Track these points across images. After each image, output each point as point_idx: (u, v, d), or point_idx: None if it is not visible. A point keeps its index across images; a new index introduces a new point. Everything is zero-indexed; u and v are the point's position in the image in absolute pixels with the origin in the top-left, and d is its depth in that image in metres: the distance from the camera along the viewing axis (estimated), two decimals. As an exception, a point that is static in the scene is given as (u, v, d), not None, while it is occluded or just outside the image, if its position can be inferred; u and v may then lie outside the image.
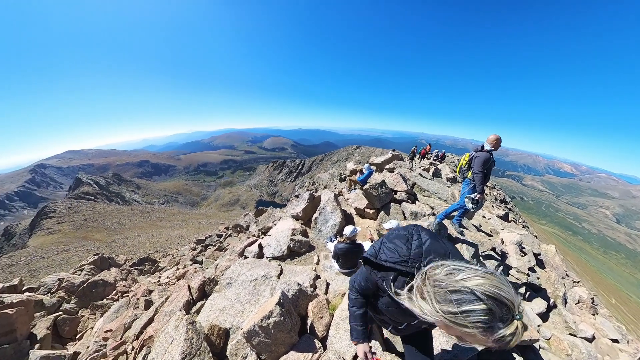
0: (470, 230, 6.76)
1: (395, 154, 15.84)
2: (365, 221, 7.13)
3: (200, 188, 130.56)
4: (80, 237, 47.25)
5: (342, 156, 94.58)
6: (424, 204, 7.40)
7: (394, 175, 7.85)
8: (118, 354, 5.12)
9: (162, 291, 8.11)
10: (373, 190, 6.70)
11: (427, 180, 9.32)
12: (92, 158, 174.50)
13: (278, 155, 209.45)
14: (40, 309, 7.69)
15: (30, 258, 34.22)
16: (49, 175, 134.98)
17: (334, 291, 4.21)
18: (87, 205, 67.67)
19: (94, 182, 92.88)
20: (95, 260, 13.37)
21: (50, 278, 9.79)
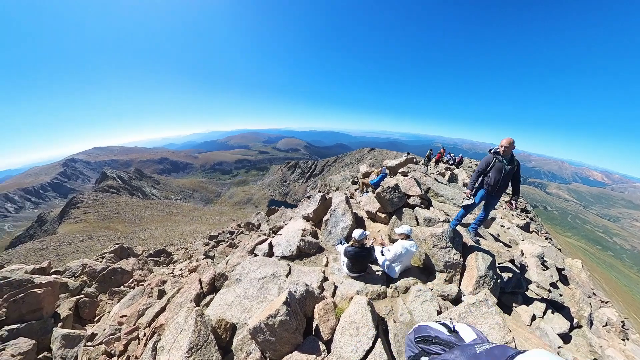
0: (487, 239, 6.46)
1: (409, 158, 15.46)
2: (376, 225, 7.00)
3: (215, 186, 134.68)
4: (104, 227, 50.20)
5: (354, 158, 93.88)
6: (438, 210, 7.16)
7: (408, 179, 7.66)
8: (131, 339, 5.35)
9: (174, 282, 8.38)
10: (386, 193, 6.57)
11: (443, 186, 9.00)
12: (117, 154, 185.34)
13: (291, 156, 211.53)
14: (65, 291, 8.24)
15: (58, 243, 36.87)
16: (78, 169, 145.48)
17: (342, 294, 4.15)
18: (110, 197, 71.95)
19: (118, 177, 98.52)
20: (115, 249, 14.12)
21: (75, 263, 10.49)
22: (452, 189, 8.76)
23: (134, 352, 4.93)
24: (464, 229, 5.51)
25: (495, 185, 4.27)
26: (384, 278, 4.52)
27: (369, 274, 4.53)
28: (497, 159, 4.19)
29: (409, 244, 4.40)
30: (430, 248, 4.63)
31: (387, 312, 3.85)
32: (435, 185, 8.79)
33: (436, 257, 4.55)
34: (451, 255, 4.49)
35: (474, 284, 4.13)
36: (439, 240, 4.61)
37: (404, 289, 4.26)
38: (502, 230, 8.70)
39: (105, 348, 5.53)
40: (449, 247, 4.56)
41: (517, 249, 6.54)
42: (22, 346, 5.68)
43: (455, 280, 4.40)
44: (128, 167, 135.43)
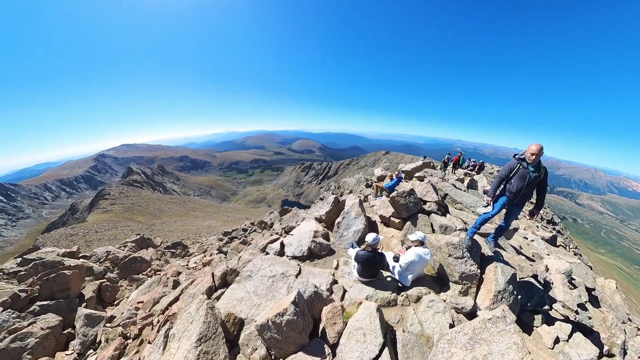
0: (508, 251, 6.10)
1: (426, 162, 14.97)
2: (389, 230, 6.84)
3: (231, 184, 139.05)
4: (127, 218, 53.42)
5: (369, 161, 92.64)
6: (455, 217, 6.87)
7: (424, 184, 7.43)
8: (145, 324, 5.65)
9: (189, 274, 8.71)
10: (400, 198, 6.40)
11: (461, 192, 8.61)
12: (142, 151, 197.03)
13: (306, 158, 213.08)
14: (90, 275, 8.91)
15: (87, 231, 39.80)
16: (107, 164, 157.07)
17: (350, 299, 4.10)
18: (135, 191, 76.54)
19: (142, 172, 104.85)
20: (136, 239, 14.94)
21: (100, 249, 11.29)
22: (471, 196, 8.38)
23: (148, 337, 5.19)
24: (483, 238, 5.24)
25: (518, 193, 4.01)
26: (395, 285, 4.40)
27: (380, 280, 4.43)
28: (522, 165, 3.93)
29: (423, 252, 4.26)
30: (446, 257, 4.44)
31: (396, 320, 3.74)
32: (453, 191, 8.43)
33: (451, 267, 4.36)
34: (468, 266, 4.28)
35: (491, 299, 3.90)
36: (455, 249, 4.41)
37: (416, 298, 4.12)
38: (525, 243, 8.18)
39: (122, 330, 5.91)
40: (466, 257, 4.35)
41: (542, 263, 6.12)
42: (51, 321, 6.25)
43: (471, 293, 4.19)
44: (152, 163, 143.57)
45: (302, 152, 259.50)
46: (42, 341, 5.79)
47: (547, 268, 5.86)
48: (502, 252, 5.31)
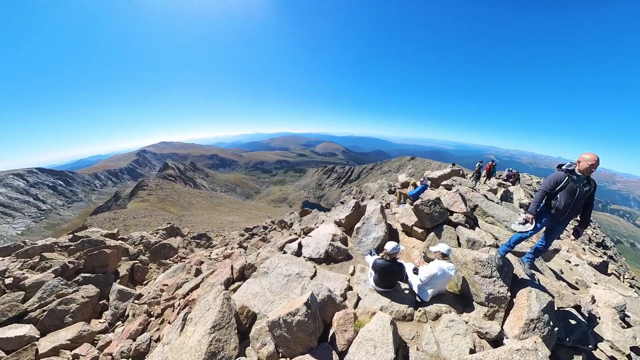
0: (545, 275, 5.47)
1: (455, 169, 13.99)
2: (411, 240, 6.54)
3: (255, 183, 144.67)
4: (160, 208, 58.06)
5: (393, 167, 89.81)
6: (485, 231, 6.35)
7: (452, 193, 6.99)
8: (167, 305, 6.11)
9: (210, 265, 9.18)
10: (425, 207, 6.10)
11: (493, 204, 7.92)
12: (177, 148, 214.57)
13: (328, 160, 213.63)
14: (125, 255, 9.88)
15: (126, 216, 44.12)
16: (147, 159, 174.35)
17: (364, 307, 3.96)
18: (169, 184, 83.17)
19: (176, 168, 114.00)
20: (167, 227, 16.16)
21: (136, 234, 12.51)
22: (504, 209, 7.68)
23: (168, 317, 5.59)
24: (516, 258, 4.77)
25: (565, 210, 3.54)
26: (412, 299, 4.17)
27: (397, 292, 4.24)
28: (571, 178, 3.45)
29: (446, 266, 3.98)
30: (471, 275, 4.11)
31: (410, 336, 3.53)
32: (485, 203, 7.79)
33: (477, 287, 4.00)
34: (496, 287, 3.90)
35: (521, 327, 3.49)
36: (483, 267, 4.05)
37: (434, 315, 3.85)
38: (568, 267, 7.29)
39: (147, 308, 6.48)
40: (495, 277, 3.98)
41: (587, 293, 5.41)
42: (90, 291, 7.09)
43: (498, 318, 3.80)
44: (185, 160, 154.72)
45: (325, 154, 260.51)
46: (81, 307, 6.57)
47: (594, 299, 5.16)
48: (539, 276, 4.77)
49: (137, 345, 4.84)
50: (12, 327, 5.81)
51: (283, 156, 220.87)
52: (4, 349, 5.34)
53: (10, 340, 5.43)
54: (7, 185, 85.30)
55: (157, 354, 3.93)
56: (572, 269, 7.34)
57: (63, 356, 5.34)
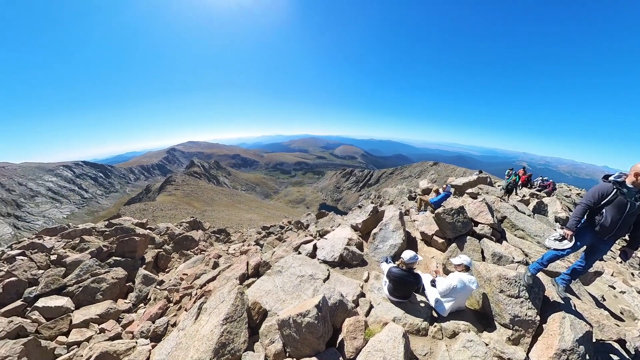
0: (583, 300, 4.92)
1: (482, 177, 13.07)
2: (430, 250, 6.25)
3: (274, 183, 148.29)
4: (185, 202, 61.61)
5: (414, 172, 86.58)
6: (514, 246, 5.88)
7: (478, 202, 6.56)
8: (185, 294, 6.49)
9: (227, 259, 9.54)
10: (447, 216, 5.79)
11: (524, 216, 7.29)
12: (203, 148, 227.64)
13: (347, 164, 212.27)
14: (152, 243, 10.69)
15: (155, 208, 47.56)
16: (176, 156, 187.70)
17: (376, 316, 3.83)
18: (194, 181, 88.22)
19: (201, 166, 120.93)
20: (190, 221, 17.06)
21: (162, 225, 13.49)
22: (537, 223, 7.03)
23: (185, 305, 5.91)
24: (549, 278, 4.35)
25: (611, 228, 3.13)
26: (428, 313, 3.94)
27: (412, 303, 4.04)
28: (620, 191, 3.05)
29: (467, 279, 3.72)
30: (495, 293, 3.79)
31: (423, 353, 3.33)
32: (514, 214, 7.20)
33: (501, 306, 3.67)
34: (524, 308, 3.56)
35: (551, 357, 3.12)
36: (509, 285, 3.73)
37: (451, 332, 3.59)
38: (612, 294, 6.50)
39: (167, 294, 6.94)
40: (523, 297, 3.64)
41: (635, 326, 4.77)
42: (119, 274, 7.74)
43: (523, 344, 3.45)
44: (209, 158, 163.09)
45: (344, 157, 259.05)
46: (111, 287, 7.21)
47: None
48: (575, 301, 4.30)
49: (156, 328, 5.15)
50: (53, 297, 6.56)
51: (302, 158, 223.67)
52: (45, 316, 6.05)
53: (51, 309, 6.16)
54: (57, 175, 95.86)
55: (172, 338, 4.16)
56: (617, 296, 6.53)
57: (92, 329, 5.90)
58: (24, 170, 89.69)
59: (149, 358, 4.06)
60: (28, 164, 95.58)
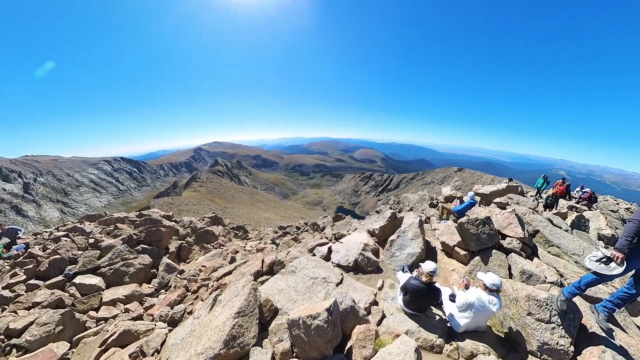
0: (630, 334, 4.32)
1: (512, 185, 11.95)
2: (451, 262, 5.92)
3: (293, 184, 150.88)
4: (208, 199, 64.69)
5: (437, 178, 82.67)
6: (546, 264, 5.37)
7: (506, 213, 6.09)
8: (202, 284, 6.80)
9: (244, 255, 9.85)
10: (471, 226, 5.44)
11: (561, 232, 6.58)
12: (227, 148, 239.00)
13: (366, 167, 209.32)
14: (176, 235, 11.40)
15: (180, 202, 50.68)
16: (202, 155, 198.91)
17: (388, 326, 3.68)
18: (217, 179, 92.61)
19: (224, 165, 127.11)
20: (211, 216, 17.86)
21: (186, 218, 14.33)
22: (576, 239, 6.33)
23: (202, 295, 6.22)
24: (588, 304, 3.90)
25: None
26: (444, 329, 3.70)
27: (428, 317, 3.83)
28: None
29: (488, 299, 3.38)
30: (522, 315, 3.46)
31: (437, 371, 3.13)
32: (549, 228, 6.54)
33: (528, 331, 3.34)
34: (555, 336, 3.20)
35: None
36: (539, 308, 3.38)
37: (469, 353, 3.31)
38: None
39: (186, 283, 7.37)
40: (555, 323, 3.27)
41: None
42: (146, 260, 8.36)
43: None
44: (232, 158, 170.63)
45: (364, 161, 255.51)
46: (137, 272, 7.82)
47: None
48: (619, 333, 3.79)
49: (173, 313, 5.44)
50: (88, 276, 7.33)
51: (321, 160, 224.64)
52: (80, 292, 6.82)
53: (85, 286, 6.91)
54: (99, 169, 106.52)
55: (187, 325, 4.36)
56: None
57: (118, 308, 6.46)
58: (72, 163, 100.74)
59: (165, 341, 4.26)
60: (75, 158, 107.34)
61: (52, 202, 77.99)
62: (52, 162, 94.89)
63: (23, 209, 68.86)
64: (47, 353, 4.53)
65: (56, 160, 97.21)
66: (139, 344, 4.24)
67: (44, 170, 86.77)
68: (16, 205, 68.41)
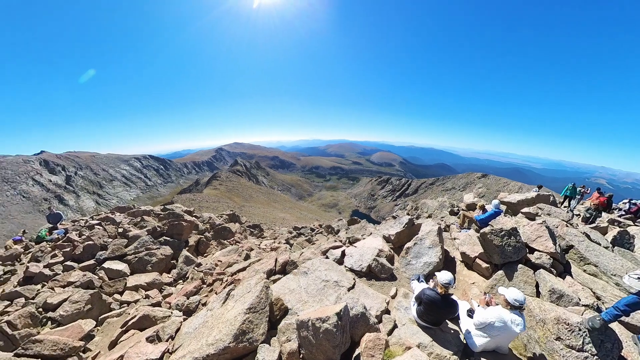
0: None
1: (543, 194, 10.71)
2: (471, 274, 5.59)
3: (309, 186, 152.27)
4: (227, 197, 67.13)
5: (459, 184, 78.65)
6: (581, 284, 4.89)
7: (536, 225, 5.64)
8: (217, 278, 7.07)
9: (258, 253, 10.09)
10: (495, 237, 5.10)
11: (599, 248, 5.91)
12: (246, 149, 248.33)
13: (384, 171, 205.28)
14: (195, 230, 11.97)
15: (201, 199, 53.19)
16: (223, 155, 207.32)
17: (399, 337, 3.52)
18: (236, 178, 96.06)
19: (244, 165, 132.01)
20: (229, 214, 18.46)
21: (205, 214, 15.00)
22: (617, 258, 5.67)
23: (216, 289, 6.46)
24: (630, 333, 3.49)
25: None
26: (460, 346, 3.47)
27: (442, 332, 3.62)
28: None
29: (510, 318, 3.05)
30: (550, 340, 3.16)
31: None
32: (585, 244, 5.93)
33: (556, 358, 3.05)
34: (590, 364, 2.90)
35: None
36: (570, 332, 3.07)
37: None
38: None
39: (202, 276, 7.78)
40: (588, 352, 2.95)
41: None
42: (167, 252, 8.84)
43: None
44: (251, 159, 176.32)
45: (381, 164, 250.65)
46: (158, 262, 8.35)
47: None
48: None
49: (189, 303, 5.68)
50: (115, 262, 7.96)
51: (338, 163, 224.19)
52: (108, 276, 7.43)
53: (112, 271, 7.51)
54: (130, 165, 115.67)
55: (201, 315, 4.53)
56: None
57: (140, 293, 6.93)
58: (107, 159, 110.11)
59: (179, 329, 4.46)
60: (110, 155, 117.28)
61: (89, 193, 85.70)
62: (91, 157, 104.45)
63: (65, 199, 76.34)
64: (76, 328, 4.98)
65: (94, 156, 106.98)
66: (156, 328, 4.47)
67: (83, 165, 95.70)
68: (59, 195, 75.90)
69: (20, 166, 76.43)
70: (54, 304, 5.73)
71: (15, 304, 6.06)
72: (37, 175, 77.33)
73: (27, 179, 74.02)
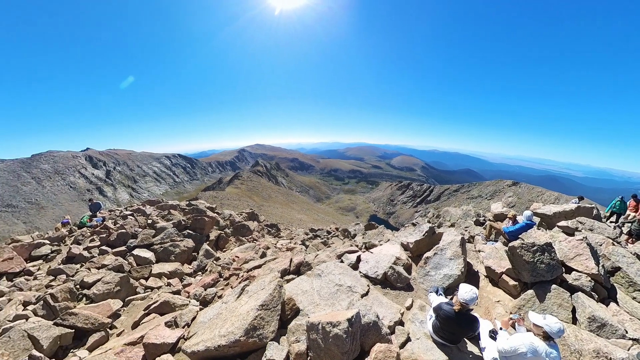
0: None
1: (584, 207, 9.25)
2: (496, 292, 5.19)
3: (327, 188, 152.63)
4: (247, 196, 69.60)
5: (486, 192, 73.24)
6: (629, 313, 4.31)
7: (575, 241, 5.09)
8: (234, 273, 7.29)
9: (274, 252, 10.27)
10: (526, 252, 4.68)
11: None
12: (267, 150, 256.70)
13: (404, 175, 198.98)
14: (216, 225, 12.59)
15: (223, 197, 55.82)
16: (245, 156, 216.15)
17: (412, 351, 3.35)
18: (257, 178, 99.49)
19: (264, 165, 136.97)
20: (249, 212, 19.07)
21: (226, 211, 15.78)
22: None
23: (232, 283, 6.66)
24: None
25: None
26: (480, 366, 3.23)
27: (460, 351, 3.38)
28: None
29: (543, 348, 2.63)
30: (591, 370, 2.82)
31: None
32: (636, 267, 5.21)
33: None
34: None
35: None
36: (614, 366, 2.71)
37: None
38: None
39: (220, 270, 8.14)
40: None
41: None
42: (189, 244, 9.36)
43: None
44: (272, 160, 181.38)
45: (402, 169, 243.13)
46: (181, 253, 8.88)
47: None
48: None
49: (206, 294, 5.92)
50: (143, 250, 8.65)
51: (357, 166, 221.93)
52: (136, 262, 8.07)
53: (140, 258, 8.16)
54: (161, 162, 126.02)
55: (216, 307, 4.71)
56: None
57: (162, 281, 7.45)
58: (141, 156, 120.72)
59: (195, 317, 4.69)
60: (144, 153, 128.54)
61: (125, 187, 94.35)
62: (127, 155, 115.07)
63: (104, 190, 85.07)
64: (105, 306, 5.50)
65: (130, 154, 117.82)
66: (174, 315, 4.71)
67: (121, 161, 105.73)
68: (100, 187, 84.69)
69: (69, 160, 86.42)
70: (89, 282, 6.36)
71: (58, 280, 6.97)
72: (82, 169, 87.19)
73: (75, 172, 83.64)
